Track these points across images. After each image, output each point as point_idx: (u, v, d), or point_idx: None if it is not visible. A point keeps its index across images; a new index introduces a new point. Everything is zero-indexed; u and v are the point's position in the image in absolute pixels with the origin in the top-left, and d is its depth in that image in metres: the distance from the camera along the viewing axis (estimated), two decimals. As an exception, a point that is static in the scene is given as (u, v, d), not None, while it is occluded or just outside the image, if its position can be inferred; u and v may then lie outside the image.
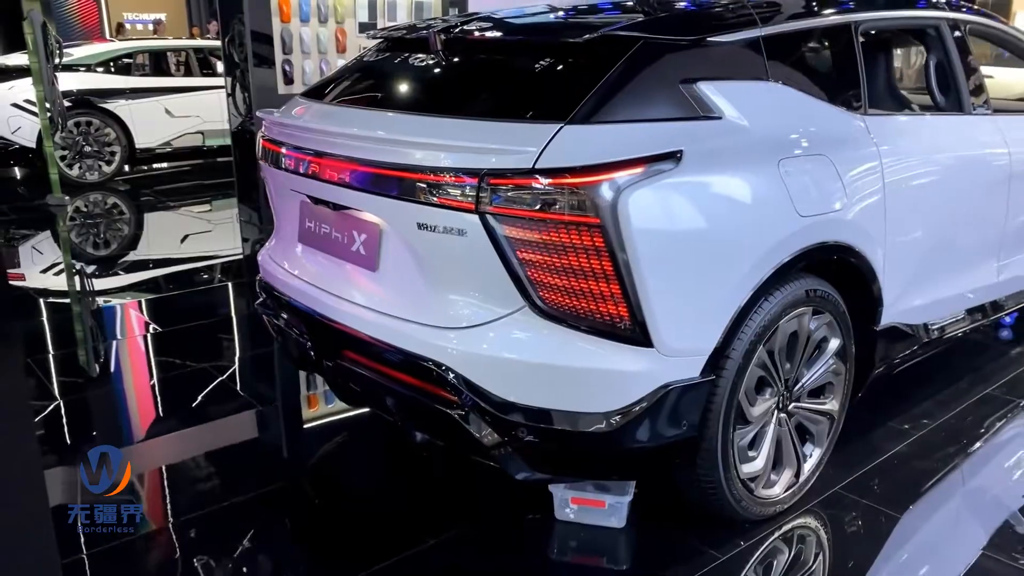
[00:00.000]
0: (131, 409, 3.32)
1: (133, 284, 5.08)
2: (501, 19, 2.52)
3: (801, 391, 2.39)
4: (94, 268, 5.46)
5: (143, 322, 4.34)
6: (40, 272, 5.34)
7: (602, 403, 1.95)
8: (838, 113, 2.38)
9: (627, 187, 1.83)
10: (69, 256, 5.70)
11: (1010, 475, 2.75)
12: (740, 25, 2.23)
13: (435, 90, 2.30)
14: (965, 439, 2.89)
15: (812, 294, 2.27)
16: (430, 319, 2.03)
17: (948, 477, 2.65)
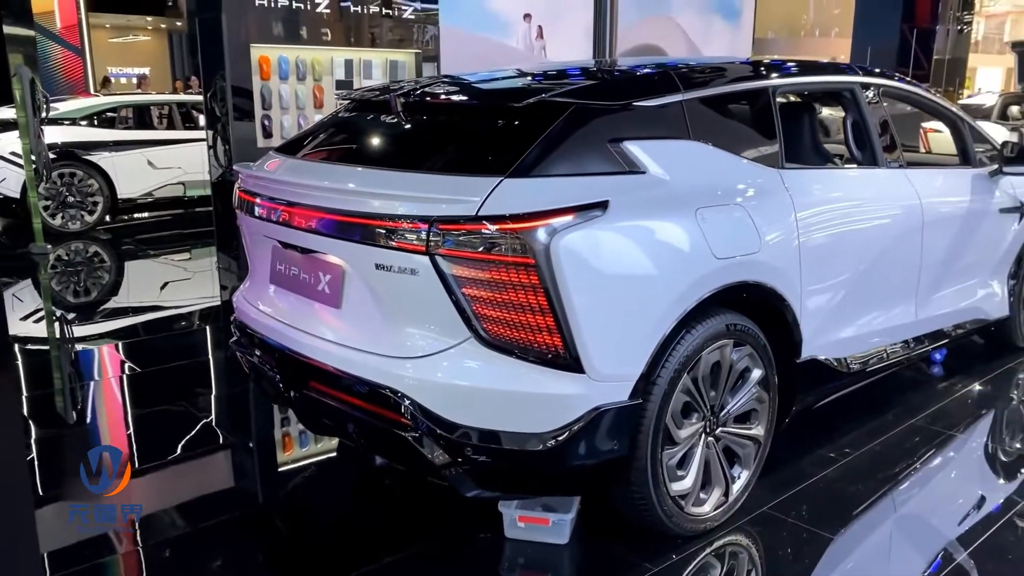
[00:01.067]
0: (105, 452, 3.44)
1: (112, 331, 5.25)
2: (456, 83, 2.82)
3: (727, 416, 2.64)
4: (74, 315, 5.64)
5: (120, 366, 4.51)
6: (20, 319, 5.50)
7: (542, 424, 2.19)
8: (754, 167, 2.67)
9: (559, 231, 2.10)
10: (50, 303, 5.88)
11: (934, 500, 2.98)
12: (664, 91, 2.54)
13: (394, 147, 2.58)
14: (890, 466, 3.13)
15: (732, 328, 2.53)
16: (387, 350, 2.27)
17: (873, 500, 2.87)
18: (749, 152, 2.70)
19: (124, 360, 4.58)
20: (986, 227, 3.78)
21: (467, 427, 2.17)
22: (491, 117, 2.46)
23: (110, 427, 3.68)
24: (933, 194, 3.40)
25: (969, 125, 3.85)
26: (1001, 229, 3.91)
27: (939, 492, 3.04)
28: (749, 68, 2.95)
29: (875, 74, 3.44)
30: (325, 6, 6.22)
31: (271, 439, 3.57)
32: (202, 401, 3.95)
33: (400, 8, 6.64)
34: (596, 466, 2.30)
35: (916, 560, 2.61)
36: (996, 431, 3.62)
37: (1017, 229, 4.00)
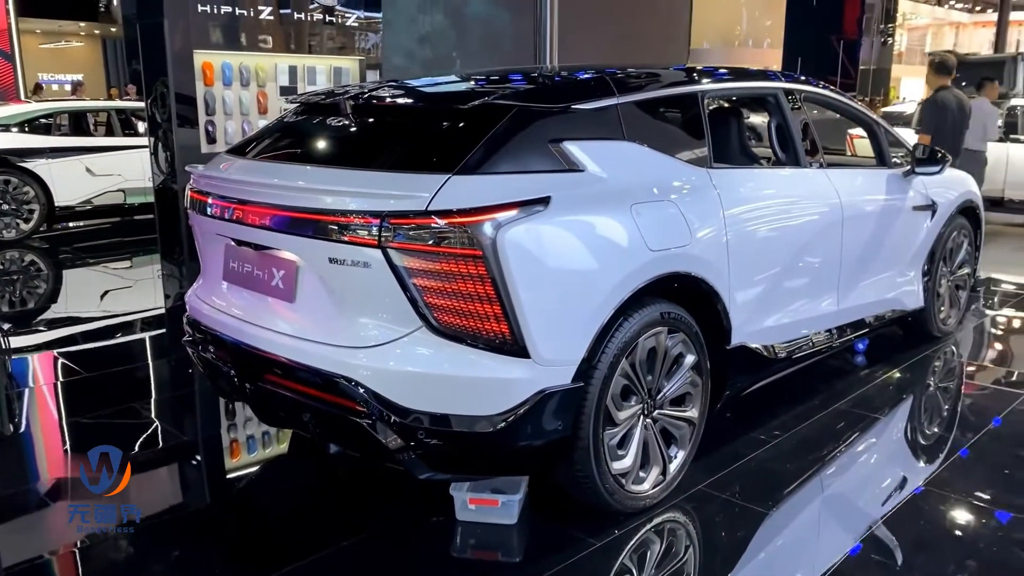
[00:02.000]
0: (40, 459, 3.42)
1: (50, 340, 5.17)
2: (403, 87, 2.95)
3: (663, 399, 2.81)
4: (9, 325, 5.55)
5: (58, 376, 4.47)
6: None
7: (490, 407, 2.32)
8: (684, 167, 2.86)
9: (504, 225, 2.24)
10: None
11: (858, 477, 3.19)
12: (600, 95, 2.70)
13: (345, 146, 2.69)
14: (817, 447, 3.34)
15: (666, 316, 2.70)
16: (341, 340, 2.37)
17: (802, 478, 3.07)
18: (680, 152, 2.88)
19: (62, 369, 4.55)
20: (901, 223, 4.06)
21: (419, 412, 2.29)
22: (438, 119, 2.59)
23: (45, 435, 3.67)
24: (852, 192, 3.65)
25: (884, 129, 4.13)
26: (915, 225, 4.20)
27: (862, 470, 3.26)
28: (681, 74, 3.14)
29: (797, 81, 3.68)
30: (268, 13, 6.27)
31: (220, 437, 3.61)
32: (147, 406, 3.95)
33: (343, 16, 6.71)
34: (542, 446, 2.44)
35: (842, 533, 2.80)
36: (913, 414, 3.88)
37: (929, 226, 4.29)
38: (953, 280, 4.72)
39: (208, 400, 3.89)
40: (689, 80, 3.12)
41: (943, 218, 4.39)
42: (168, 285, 6.44)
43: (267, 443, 3.43)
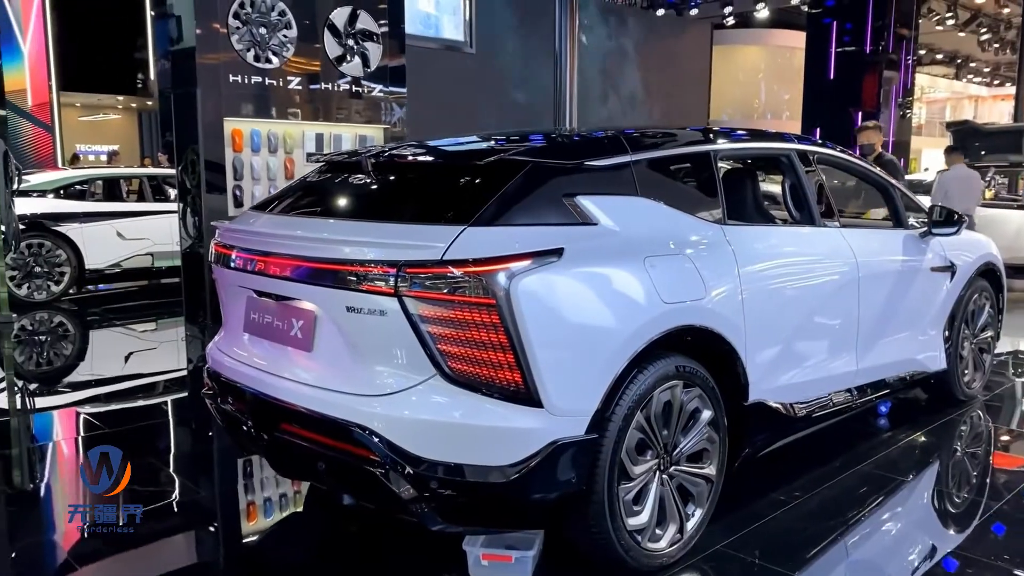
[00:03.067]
0: (60, 524, 3.37)
1: (76, 400, 5.21)
2: (423, 146, 3.03)
3: (680, 455, 2.78)
4: (36, 385, 5.63)
5: (81, 435, 4.51)
6: None
7: (503, 457, 2.31)
8: (698, 222, 2.89)
9: (518, 275, 2.28)
10: (12, 373, 5.86)
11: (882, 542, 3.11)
12: (613, 152, 2.77)
13: (365, 201, 2.77)
14: (839, 508, 3.28)
15: (682, 369, 2.70)
16: (356, 389, 2.39)
17: (823, 540, 3.00)
18: (694, 209, 2.92)
19: (84, 425, 4.59)
20: (919, 284, 4.05)
21: (432, 461, 2.29)
22: (455, 174, 2.66)
23: (64, 488, 3.69)
24: (868, 252, 3.66)
25: (900, 191, 4.16)
26: (934, 286, 4.18)
27: (887, 535, 3.18)
28: (696, 134, 3.21)
29: (811, 142, 3.74)
30: (296, 83, 6.51)
31: (236, 492, 3.61)
32: (165, 460, 3.97)
33: (369, 88, 6.95)
34: (556, 498, 2.42)
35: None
36: (940, 478, 3.79)
37: (949, 287, 4.27)
38: (976, 343, 4.67)
39: (225, 457, 3.90)
40: (703, 140, 3.18)
41: (963, 280, 4.37)
42: (191, 348, 6.51)
43: (282, 499, 3.42)
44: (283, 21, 6.31)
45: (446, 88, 11.38)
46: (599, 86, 16.60)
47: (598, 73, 16.67)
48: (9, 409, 5.07)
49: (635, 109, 18.39)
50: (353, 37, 6.75)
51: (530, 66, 12.54)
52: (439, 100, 11.43)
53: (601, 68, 16.90)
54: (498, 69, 12.56)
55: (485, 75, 12.21)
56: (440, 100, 11.38)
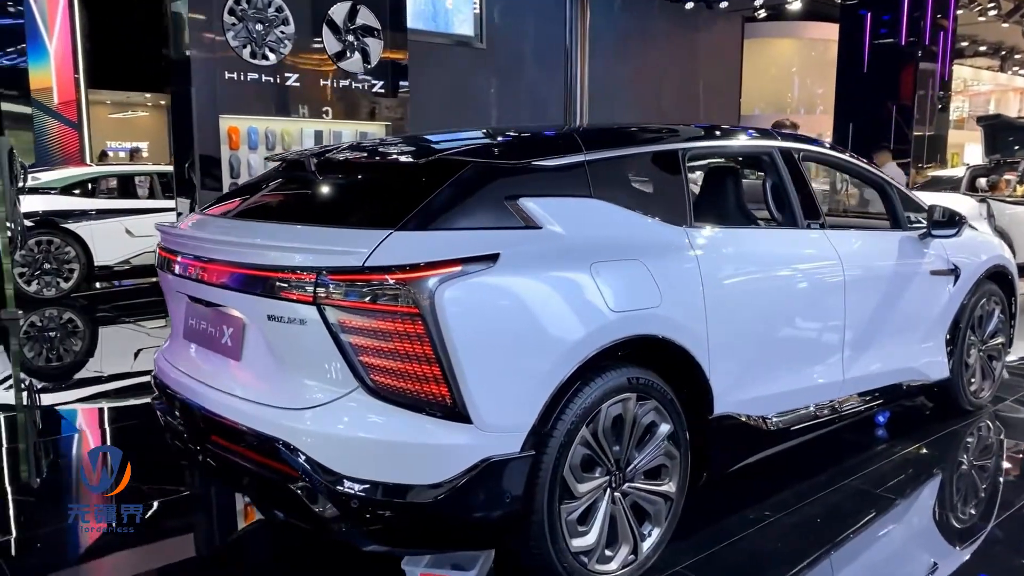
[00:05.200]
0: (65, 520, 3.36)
1: (84, 396, 5.23)
2: (371, 145, 2.91)
3: (634, 472, 2.63)
4: (44, 381, 5.65)
5: (88, 431, 4.50)
6: None
7: (429, 475, 2.19)
8: (657, 225, 2.73)
9: (444, 282, 2.15)
10: (19, 369, 5.89)
11: (866, 567, 2.91)
12: (565, 151, 2.62)
13: (300, 203, 2.66)
14: (818, 528, 3.09)
15: (635, 381, 2.55)
16: (279, 401, 2.29)
17: (801, 565, 2.82)
18: (654, 211, 2.76)
19: (93, 423, 4.58)
20: (917, 288, 3.83)
21: (354, 479, 2.17)
22: (392, 174, 2.54)
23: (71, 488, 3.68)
24: (855, 255, 3.45)
25: (897, 189, 3.94)
26: (934, 291, 3.96)
27: (869, 559, 2.97)
28: (662, 132, 3.04)
29: (794, 139, 3.54)
30: (294, 80, 6.43)
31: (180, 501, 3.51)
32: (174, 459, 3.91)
33: (369, 83, 6.85)
34: (489, 519, 2.29)
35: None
36: (936, 496, 3.58)
37: (952, 291, 4.04)
38: (985, 350, 4.42)
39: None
40: (669, 138, 3.01)
41: (968, 284, 4.13)
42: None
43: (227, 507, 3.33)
44: (280, 17, 6.25)
45: (456, 84, 11.27)
46: (622, 82, 16.31)
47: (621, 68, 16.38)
48: (16, 404, 5.10)
49: (662, 106, 18.09)
50: (353, 33, 6.66)
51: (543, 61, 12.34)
52: (449, 96, 11.32)
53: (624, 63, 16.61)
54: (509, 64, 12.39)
55: (496, 71, 12.07)
56: (450, 96, 11.27)
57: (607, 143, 2.79)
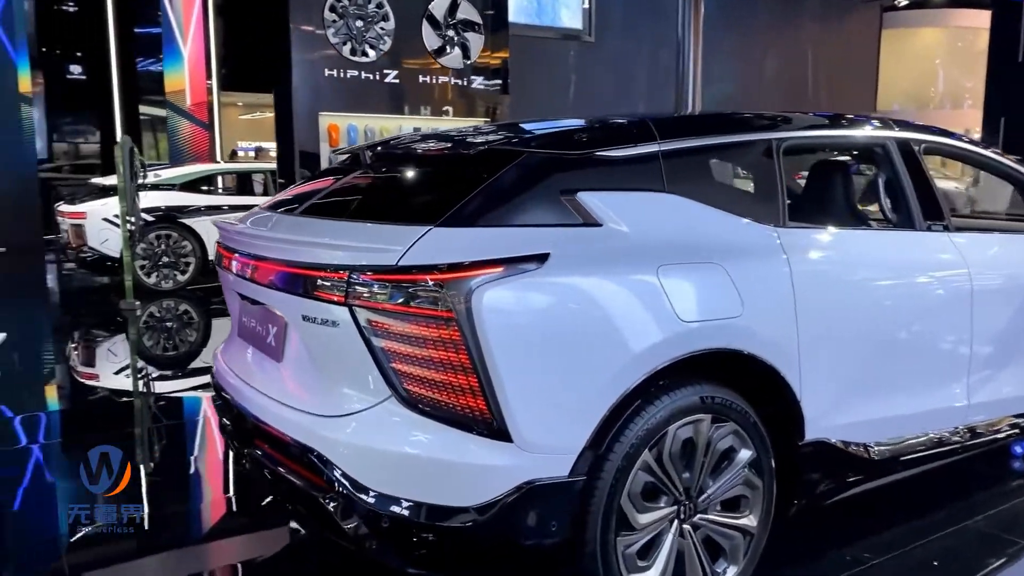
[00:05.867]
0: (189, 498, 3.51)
1: (198, 385, 5.35)
2: (431, 137, 2.73)
3: (708, 502, 2.33)
4: (160, 369, 5.88)
5: (201, 419, 4.61)
6: (109, 371, 5.85)
7: (464, 496, 1.98)
8: (742, 225, 2.41)
9: (483, 285, 1.93)
10: (136, 357, 6.15)
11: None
12: (635, 140, 2.35)
13: (348, 198, 2.52)
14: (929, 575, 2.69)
15: (709, 401, 2.26)
16: (313, 407, 2.14)
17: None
18: (740, 208, 2.45)
19: (204, 415, 4.68)
20: (1064, 302, 3.29)
21: (385, 495, 2.00)
22: (441, 167, 2.36)
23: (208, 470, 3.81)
24: (987, 261, 3.00)
25: (1044, 187, 3.42)
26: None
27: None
28: (749, 119, 2.71)
29: (914, 128, 3.10)
30: (394, 77, 6.40)
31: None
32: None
33: (469, 79, 6.74)
34: (534, 549, 2.06)
35: None
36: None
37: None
38: None
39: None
40: (759, 126, 2.68)
41: None
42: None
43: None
44: (380, 13, 6.22)
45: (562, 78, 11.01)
46: (739, 76, 15.52)
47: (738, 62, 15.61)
48: (133, 391, 5.31)
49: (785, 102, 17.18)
50: (453, 27, 6.56)
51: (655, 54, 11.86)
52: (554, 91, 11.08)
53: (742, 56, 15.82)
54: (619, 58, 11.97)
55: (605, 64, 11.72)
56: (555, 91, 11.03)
57: (687, 131, 2.49)
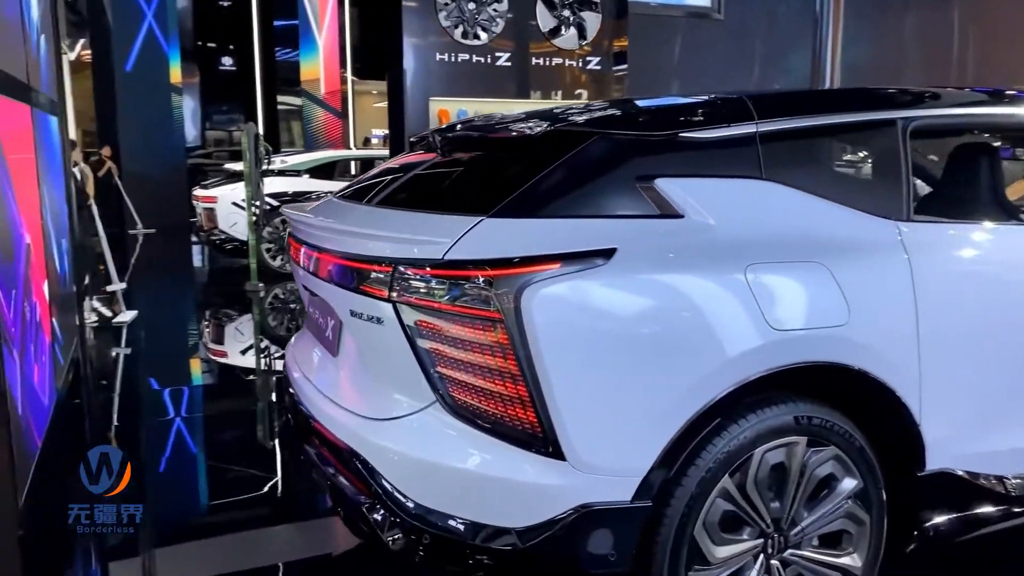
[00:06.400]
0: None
1: None
2: (511, 117, 2.51)
3: (802, 536, 2.03)
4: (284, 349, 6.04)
5: None
6: (235, 350, 6.12)
7: (513, 518, 1.79)
8: (856, 218, 2.07)
9: (537, 282, 1.72)
10: (260, 337, 6.35)
11: None
12: (728, 120, 2.05)
13: (412, 186, 2.35)
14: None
15: (806, 422, 1.95)
16: (360, 408, 2.01)
17: None
18: (854, 199, 2.10)
19: None
20: None
21: (426, 508, 1.83)
22: (506, 152, 2.15)
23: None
24: None
25: None
26: None
27: None
28: (869, 96, 2.33)
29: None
30: (505, 60, 6.23)
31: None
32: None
33: (585, 60, 6.47)
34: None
35: None
36: None
37: None
38: None
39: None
40: (881, 103, 2.30)
41: None
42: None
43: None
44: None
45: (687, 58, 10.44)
46: (883, 52, 14.18)
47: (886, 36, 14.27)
48: (256, 369, 5.47)
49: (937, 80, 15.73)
50: (569, 7, 6.31)
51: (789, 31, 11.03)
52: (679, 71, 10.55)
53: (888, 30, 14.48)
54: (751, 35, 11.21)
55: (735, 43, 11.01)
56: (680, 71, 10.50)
57: (791, 110, 2.16)
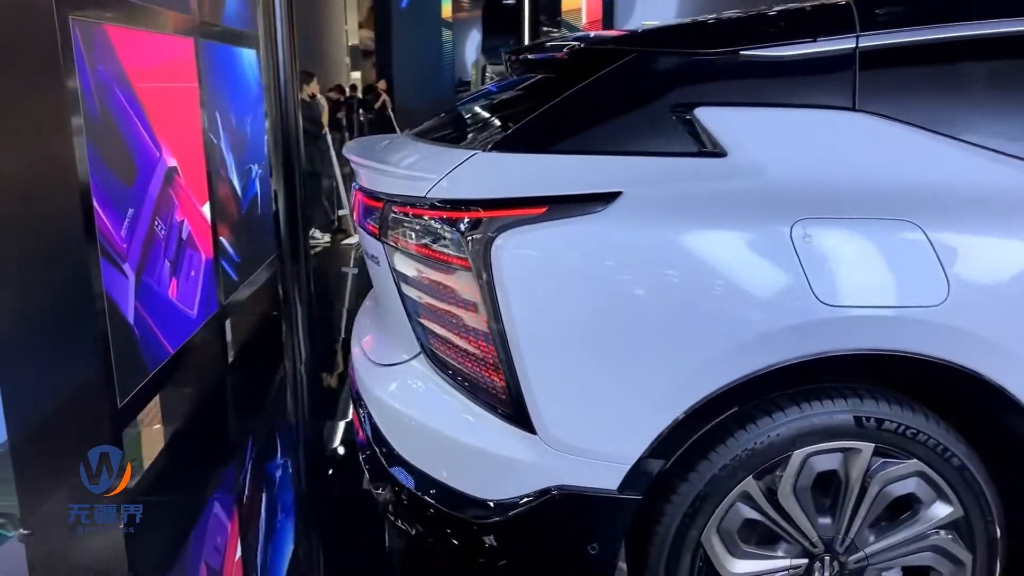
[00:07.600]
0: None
1: None
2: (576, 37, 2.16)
3: (867, 565, 1.61)
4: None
5: None
6: None
7: (481, 487, 1.61)
8: (977, 159, 1.52)
9: (512, 228, 1.48)
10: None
11: None
12: (818, 30, 1.59)
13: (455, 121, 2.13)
14: None
15: (872, 424, 1.52)
16: (371, 353, 1.92)
17: None
18: (976, 136, 1.54)
19: None
20: None
21: (405, 461, 1.71)
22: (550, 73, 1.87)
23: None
24: None
25: None
26: None
27: None
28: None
29: None
30: None
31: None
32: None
33: None
34: (566, 569, 1.62)
35: None
36: None
37: None
38: None
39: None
40: None
41: None
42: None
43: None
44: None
45: None
46: None
47: None
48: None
49: None
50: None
51: None
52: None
53: None
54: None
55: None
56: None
57: (910, 17, 1.62)
